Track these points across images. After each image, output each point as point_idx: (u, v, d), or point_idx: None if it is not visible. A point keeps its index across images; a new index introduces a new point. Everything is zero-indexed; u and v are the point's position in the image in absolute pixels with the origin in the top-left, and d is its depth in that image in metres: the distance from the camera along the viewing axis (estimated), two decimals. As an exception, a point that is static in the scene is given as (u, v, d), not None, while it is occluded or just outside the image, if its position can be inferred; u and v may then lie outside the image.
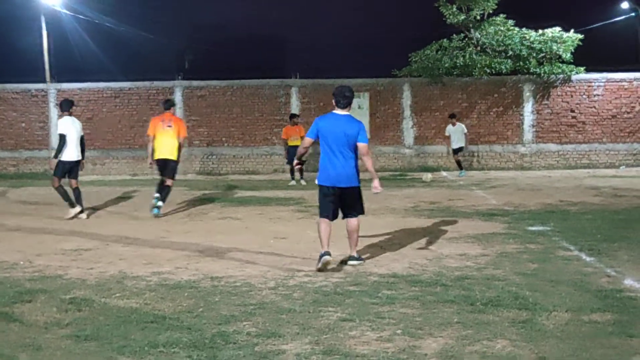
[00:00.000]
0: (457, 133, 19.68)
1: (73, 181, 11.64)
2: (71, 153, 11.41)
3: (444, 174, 20.20)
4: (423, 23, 25.84)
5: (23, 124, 21.41)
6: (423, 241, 9.02)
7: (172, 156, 11.96)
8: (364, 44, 31.48)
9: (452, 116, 19.99)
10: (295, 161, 8.57)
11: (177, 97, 21.26)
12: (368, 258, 7.87)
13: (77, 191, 11.63)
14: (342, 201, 7.60)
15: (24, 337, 5.14)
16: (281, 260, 7.80)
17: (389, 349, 4.81)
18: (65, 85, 21.85)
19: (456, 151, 19.77)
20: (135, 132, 21.26)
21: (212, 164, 21.95)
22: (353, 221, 7.64)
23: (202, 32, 33.83)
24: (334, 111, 7.66)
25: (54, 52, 27.29)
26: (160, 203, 11.78)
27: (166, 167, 11.95)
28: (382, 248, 8.54)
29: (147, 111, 21.15)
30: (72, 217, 11.42)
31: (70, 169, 11.53)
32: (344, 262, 7.61)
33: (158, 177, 12.17)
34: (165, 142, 11.89)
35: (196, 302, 6.04)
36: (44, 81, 23.40)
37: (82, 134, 11.69)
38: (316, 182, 7.67)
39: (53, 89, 21.72)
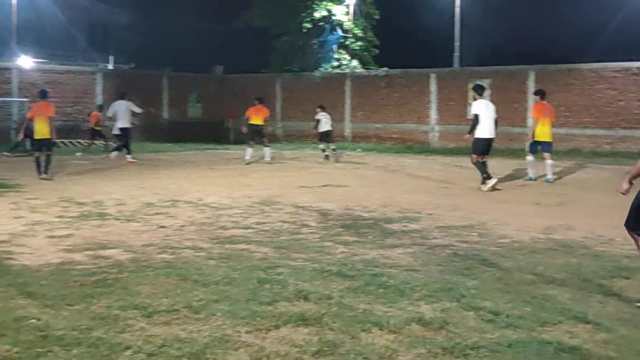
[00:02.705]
0: None
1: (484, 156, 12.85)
2: (485, 131, 12.57)
3: None
4: None
5: (621, 103, 21.36)
6: None
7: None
8: None
9: None
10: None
11: None
12: None
13: (484, 164, 12.79)
14: None
15: (622, 312, 5.23)
16: None
17: None
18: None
19: None
20: None
21: None
22: None
23: None
24: None
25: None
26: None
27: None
28: None
29: None
30: (490, 188, 12.38)
31: (488, 145, 12.75)
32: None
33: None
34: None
35: None
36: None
37: (495, 116, 12.84)
38: None
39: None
